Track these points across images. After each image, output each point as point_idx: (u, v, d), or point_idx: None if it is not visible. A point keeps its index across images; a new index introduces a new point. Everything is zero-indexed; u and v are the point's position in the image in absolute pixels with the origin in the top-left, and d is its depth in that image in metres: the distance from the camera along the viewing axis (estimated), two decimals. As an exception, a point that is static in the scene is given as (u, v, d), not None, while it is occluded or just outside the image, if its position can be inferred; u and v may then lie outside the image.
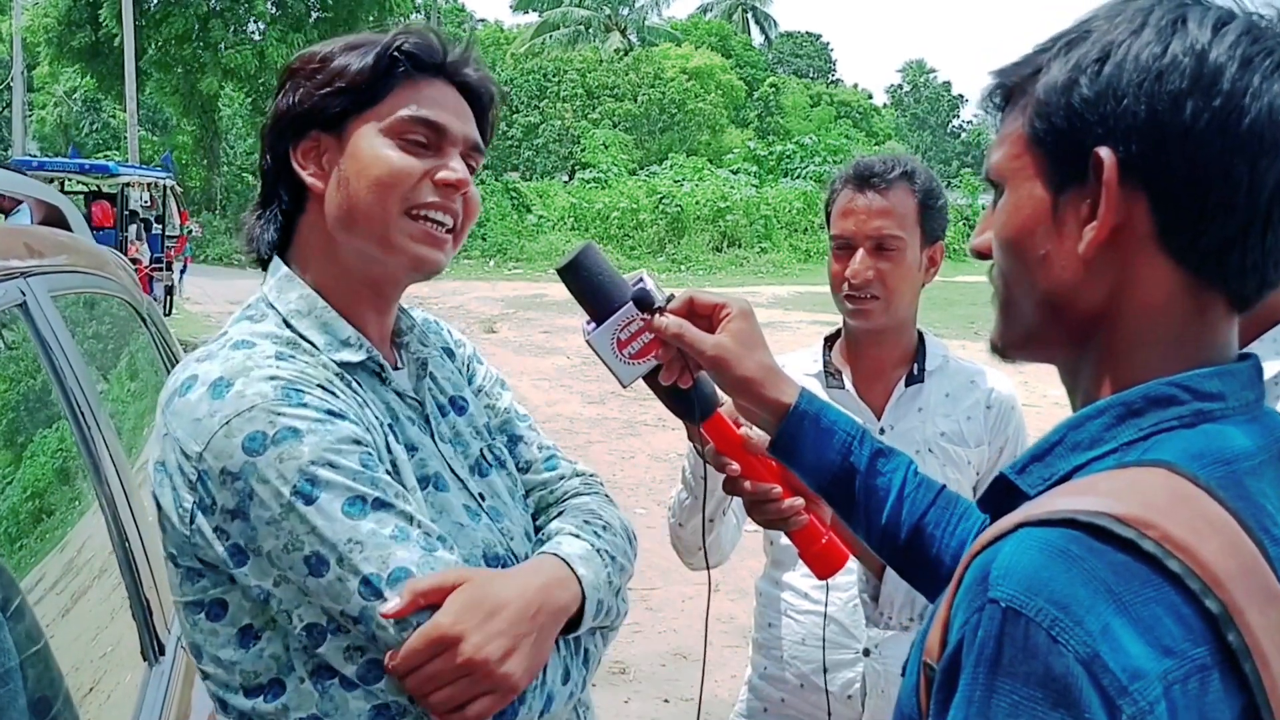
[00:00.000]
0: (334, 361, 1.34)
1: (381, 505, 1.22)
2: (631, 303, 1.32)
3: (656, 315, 1.30)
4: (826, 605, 2.08)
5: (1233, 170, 0.85)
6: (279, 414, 1.21)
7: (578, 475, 1.59)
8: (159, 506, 1.27)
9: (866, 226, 2.06)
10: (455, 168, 1.37)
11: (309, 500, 1.19)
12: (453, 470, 1.42)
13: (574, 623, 1.34)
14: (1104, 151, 0.87)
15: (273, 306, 1.37)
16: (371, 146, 1.34)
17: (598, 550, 1.41)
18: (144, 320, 2.74)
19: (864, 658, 2.09)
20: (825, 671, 2.09)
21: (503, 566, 1.38)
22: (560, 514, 1.51)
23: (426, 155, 1.36)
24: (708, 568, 1.59)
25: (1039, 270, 0.94)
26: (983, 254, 1.01)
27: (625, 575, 1.45)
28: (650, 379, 1.36)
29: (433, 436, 1.43)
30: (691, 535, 2.07)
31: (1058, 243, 0.92)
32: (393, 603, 1.19)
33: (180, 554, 1.27)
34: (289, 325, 1.35)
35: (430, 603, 1.21)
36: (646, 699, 4.85)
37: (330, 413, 1.25)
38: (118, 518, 1.90)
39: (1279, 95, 0.85)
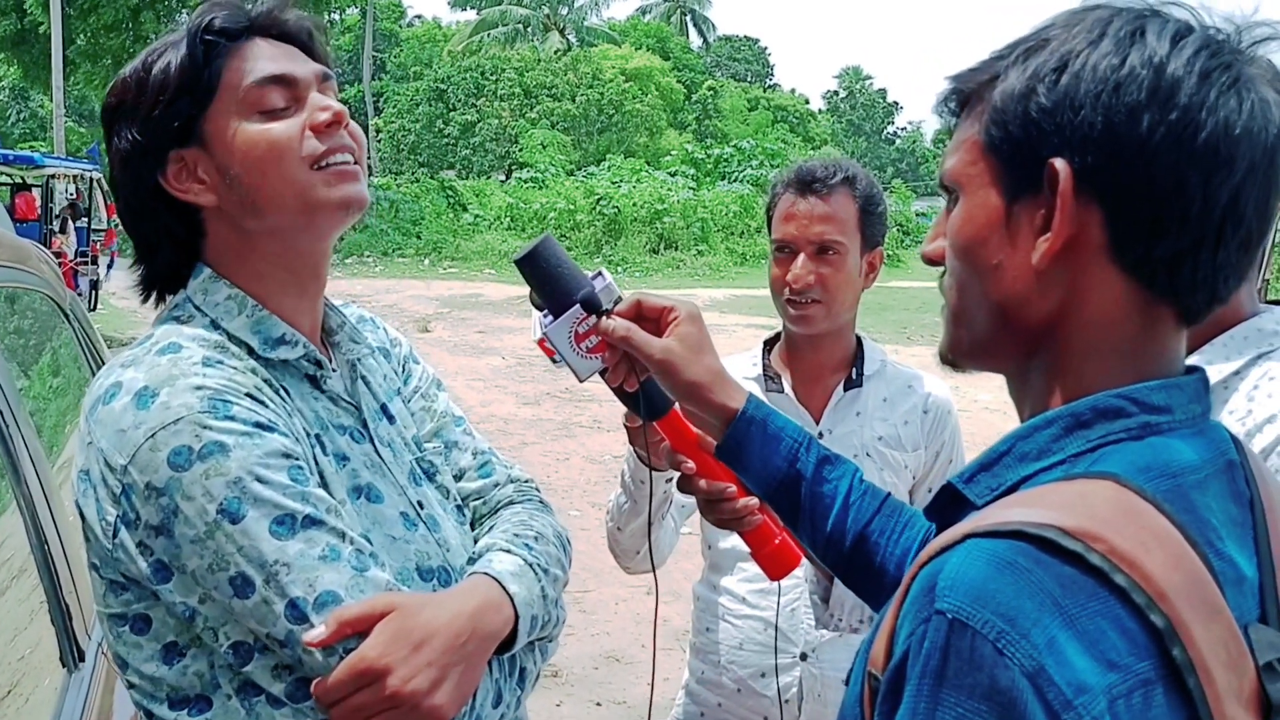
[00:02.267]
0: (268, 360, 1.31)
1: (312, 522, 1.20)
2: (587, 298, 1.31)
3: (604, 318, 1.29)
4: (779, 609, 2.08)
5: (1187, 184, 0.85)
6: (205, 427, 1.17)
7: (512, 482, 1.56)
8: (82, 517, 1.24)
9: (808, 231, 2.06)
10: (325, 104, 1.32)
11: (235, 519, 1.16)
12: (392, 476, 1.39)
13: (509, 641, 1.32)
14: (1059, 163, 0.87)
15: (199, 308, 1.32)
16: (238, 134, 1.28)
17: (530, 565, 1.38)
18: (67, 316, 2.67)
19: (801, 662, 2.10)
20: (777, 674, 2.09)
21: (438, 579, 1.36)
22: (492, 527, 1.48)
23: (290, 113, 1.31)
24: (653, 570, 1.58)
25: (991, 279, 0.93)
26: (934, 261, 1.01)
27: (559, 585, 1.43)
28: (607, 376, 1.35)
29: (372, 440, 1.40)
30: (630, 539, 2.05)
31: (1010, 252, 0.92)
32: (318, 631, 1.17)
33: (103, 566, 1.23)
34: (218, 326, 1.31)
35: (357, 631, 1.18)
36: (579, 702, 4.83)
37: (259, 425, 1.21)
38: (37, 520, 1.84)
39: (1234, 110, 0.85)
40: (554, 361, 1.40)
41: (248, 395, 1.23)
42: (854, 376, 2.16)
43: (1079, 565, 0.77)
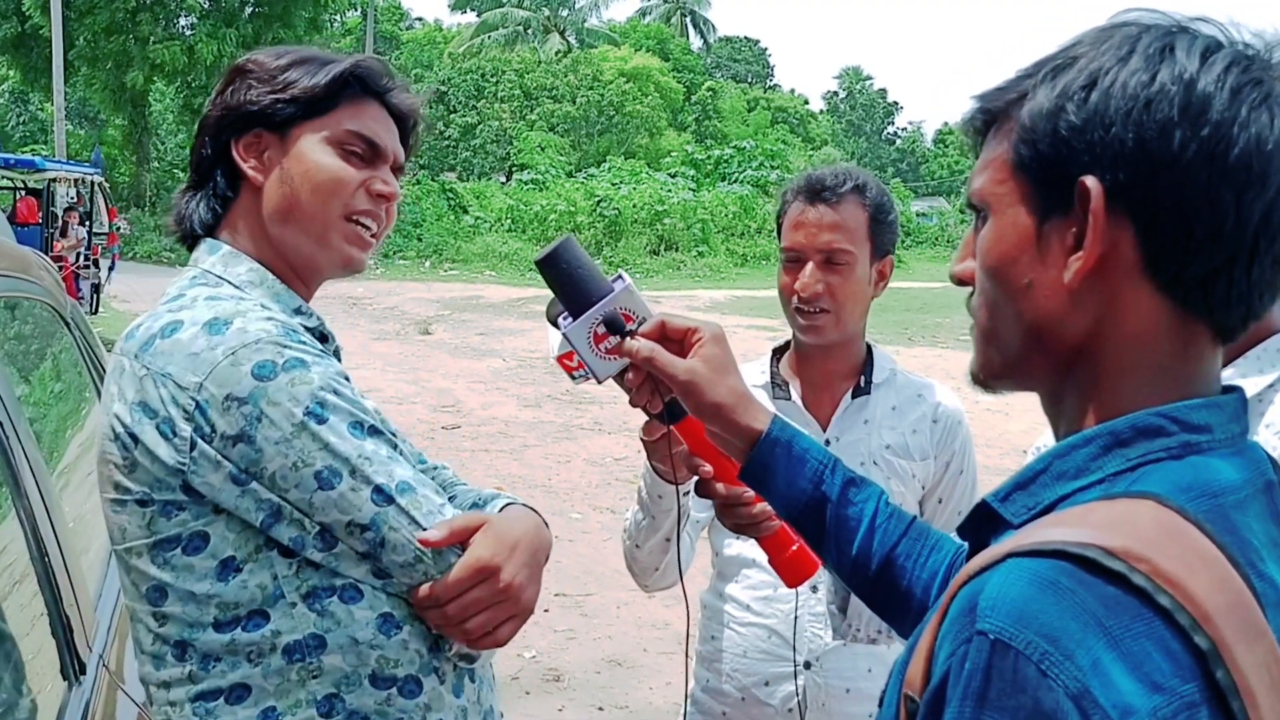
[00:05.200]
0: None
1: (375, 431, 1.36)
2: (610, 296, 1.31)
3: (627, 339, 1.29)
4: (796, 615, 2.07)
5: (1220, 201, 0.84)
6: (286, 346, 1.32)
7: (447, 468, 1.71)
8: (135, 444, 1.31)
9: (816, 240, 2.05)
10: (388, 180, 1.52)
11: (321, 420, 1.31)
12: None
13: None
14: (1090, 181, 0.86)
15: (223, 278, 1.45)
16: (315, 152, 1.48)
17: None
18: (67, 324, 2.66)
19: (805, 670, 2.08)
20: (796, 677, 2.07)
21: None
22: (454, 496, 1.61)
23: (362, 167, 1.50)
24: (681, 582, 1.59)
25: (1023, 299, 0.92)
26: (964, 281, 1.00)
27: None
28: (625, 376, 1.35)
29: None
30: (649, 556, 2.04)
31: (1042, 271, 0.91)
32: (434, 533, 1.34)
33: (157, 489, 1.31)
34: (243, 294, 1.43)
35: (462, 539, 1.37)
36: (580, 707, 4.82)
37: (322, 353, 1.38)
38: (37, 530, 1.83)
39: (1266, 126, 0.84)
40: (573, 378, 1.40)
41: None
42: (862, 384, 2.14)
43: (1122, 586, 0.76)
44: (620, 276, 1.34)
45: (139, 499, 1.32)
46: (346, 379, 1.38)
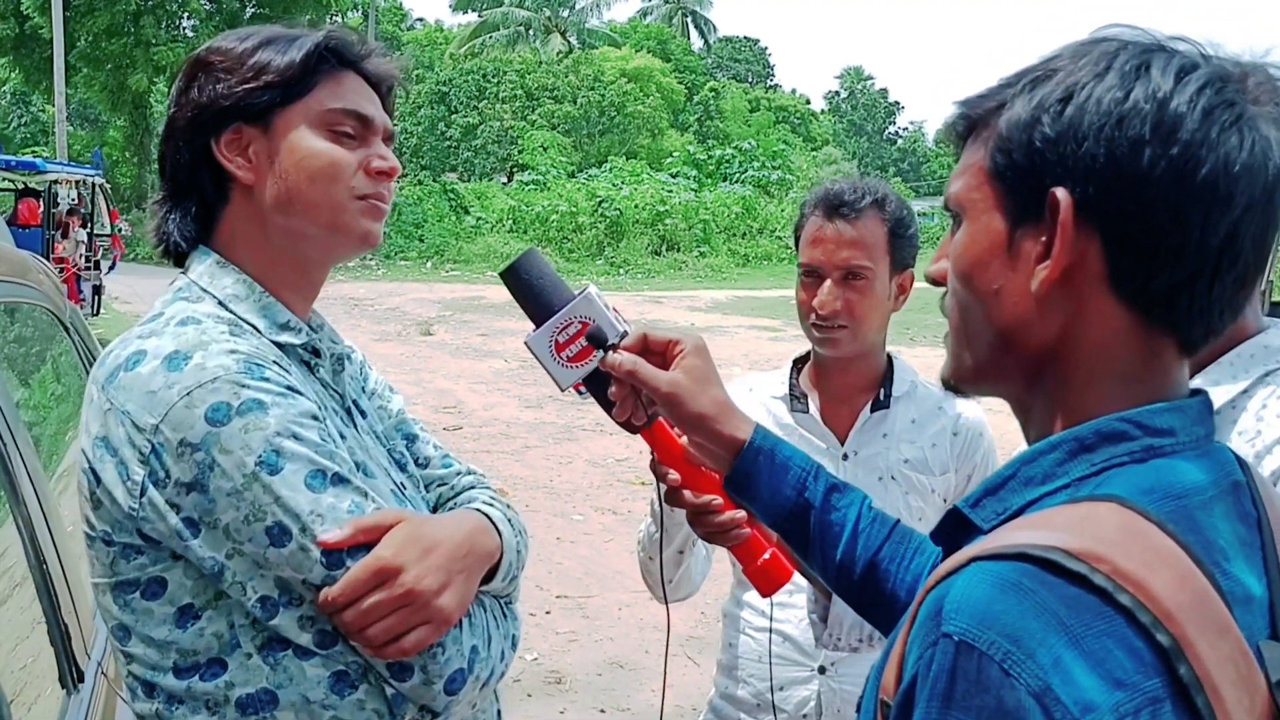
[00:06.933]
0: (274, 342, 1.37)
1: (340, 480, 1.26)
2: (570, 306, 1.33)
3: (610, 352, 1.30)
4: (772, 622, 2.06)
5: (1185, 219, 0.86)
6: (243, 386, 1.24)
7: (471, 473, 1.64)
8: (97, 483, 1.26)
9: (834, 257, 2.03)
10: (385, 155, 1.44)
11: (274, 471, 1.22)
12: (377, 460, 1.45)
13: (488, 576, 1.39)
14: (1060, 192, 0.88)
15: (207, 291, 1.38)
16: (304, 140, 1.39)
17: (509, 520, 1.47)
18: (66, 329, 2.66)
19: (819, 675, 2.08)
20: (773, 691, 2.07)
21: None
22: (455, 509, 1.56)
23: (355, 146, 1.42)
24: (665, 600, 1.62)
25: (992, 303, 0.94)
26: (938, 281, 1.02)
27: (523, 559, 1.49)
28: (589, 383, 1.35)
29: (355, 428, 1.46)
30: (662, 569, 2.04)
31: (1011, 277, 0.93)
32: (335, 533, 1.23)
33: (117, 531, 1.26)
34: (225, 308, 1.37)
35: (371, 539, 1.25)
36: (582, 709, 4.82)
37: (289, 388, 1.29)
38: (35, 537, 1.83)
39: (1235, 148, 0.86)
40: (580, 394, 1.41)
41: (274, 362, 1.31)
42: (881, 397, 2.12)
43: (1083, 586, 0.78)
44: (586, 290, 1.35)
45: (103, 538, 1.28)
46: (314, 418, 1.29)
